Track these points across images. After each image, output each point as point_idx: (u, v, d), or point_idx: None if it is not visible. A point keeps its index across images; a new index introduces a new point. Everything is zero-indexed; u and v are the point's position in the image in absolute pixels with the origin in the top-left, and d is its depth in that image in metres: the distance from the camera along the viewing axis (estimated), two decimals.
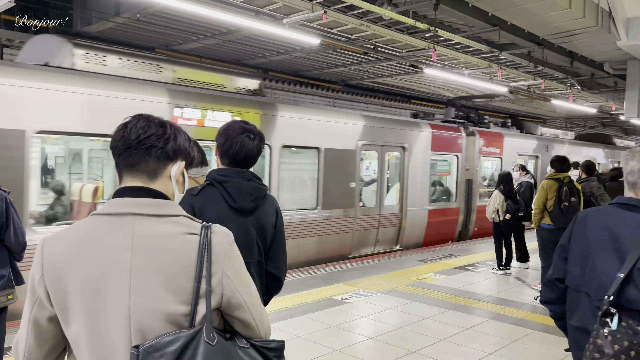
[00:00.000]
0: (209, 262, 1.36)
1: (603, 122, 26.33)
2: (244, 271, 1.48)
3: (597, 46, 9.15)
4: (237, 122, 2.39)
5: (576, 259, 2.04)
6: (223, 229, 1.47)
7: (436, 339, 5.04)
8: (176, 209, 1.44)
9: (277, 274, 2.41)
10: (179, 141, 1.50)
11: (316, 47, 11.45)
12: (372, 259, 9.16)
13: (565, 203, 6.27)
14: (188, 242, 1.36)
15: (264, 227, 2.34)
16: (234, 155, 2.33)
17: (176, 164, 1.50)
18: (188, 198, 2.24)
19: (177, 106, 7.00)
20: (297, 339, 4.95)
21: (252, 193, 2.28)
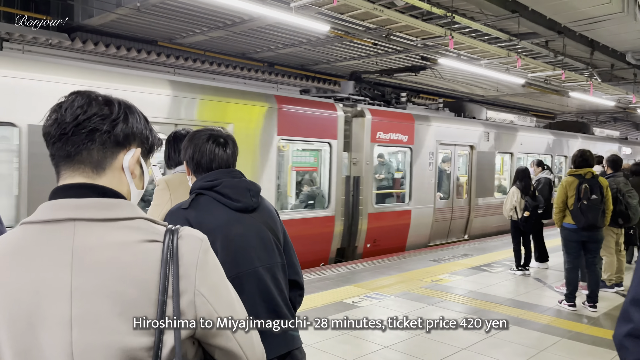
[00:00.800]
0: (176, 277, 1.04)
1: (615, 117, 25.77)
2: (224, 285, 1.15)
3: (620, 34, 8.70)
4: (202, 130, 2.10)
5: None
6: (194, 232, 1.13)
7: (457, 348, 4.66)
8: (131, 210, 1.10)
9: (298, 280, 2.07)
10: (131, 123, 1.16)
11: (323, 39, 11.07)
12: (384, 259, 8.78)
13: (584, 201, 5.84)
14: (147, 253, 1.04)
15: (275, 224, 2.03)
16: (209, 164, 2.03)
17: (129, 152, 1.16)
18: (180, 213, 1.91)
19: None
20: (307, 347, 4.56)
21: (251, 188, 1.99)
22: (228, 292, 1.16)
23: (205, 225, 1.84)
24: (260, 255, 1.92)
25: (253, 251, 1.90)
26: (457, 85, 16.96)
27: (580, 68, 11.27)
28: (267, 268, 1.92)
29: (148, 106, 6.20)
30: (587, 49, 9.99)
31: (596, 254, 6.02)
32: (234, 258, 1.87)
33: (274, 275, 1.93)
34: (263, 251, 1.93)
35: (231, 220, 1.89)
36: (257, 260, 1.91)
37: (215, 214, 1.90)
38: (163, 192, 2.80)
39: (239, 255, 1.88)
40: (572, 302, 6.03)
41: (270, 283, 1.91)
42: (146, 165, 1.22)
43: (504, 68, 9.90)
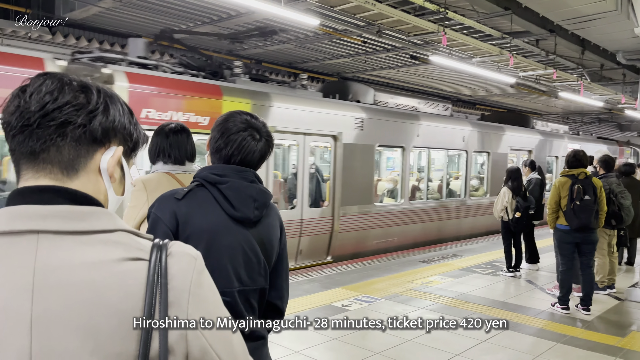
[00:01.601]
0: (165, 304, 0.84)
1: (600, 118, 25.95)
2: (222, 315, 0.93)
3: (612, 34, 8.64)
4: (241, 114, 1.82)
5: None
6: (186, 248, 0.93)
7: (450, 354, 4.51)
8: (108, 220, 0.89)
9: (280, 305, 1.85)
10: (113, 115, 0.94)
11: (312, 36, 10.89)
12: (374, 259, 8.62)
13: (577, 202, 5.72)
14: (128, 274, 0.84)
15: (270, 242, 1.78)
16: (228, 157, 1.77)
17: (109, 151, 0.94)
18: (170, 203, 1.68)
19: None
20: (295, 354, 4.41)
21: (257, 198, 1.73)
22: (224, 322, 0.96)
23: (192, 226, 1.65)
24: (241, 275, 1.69)
25: (235, 270, 1.68)
26: (446, 84, 16.89)
27: (570, 68, 11.23)
28: (244, 291, 1.70)
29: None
30: (578, 48, 9.93)
31: (591, 256, 5.91)
32: (211, 272, 1.63)
33: (247, 300, 1.71)
34: (247, 271, 1.71)
35: (223, 229, 1.67)
36: (236, 281, 1.68)
37: (208, 216, 1.68)
38: (139, 193, 2.59)
39: (218, 271, 1.65)
40: (566, 305, 5.92)
41: (242, 308, 1.69)
42: (128, 167, 1.02)
43: (496, 67, 9.79)
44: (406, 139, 9.93)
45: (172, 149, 2.70)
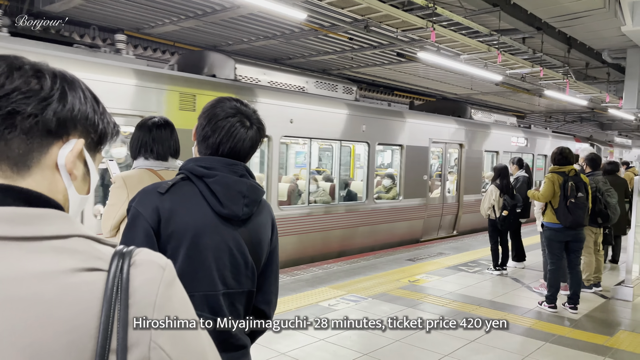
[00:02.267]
0: (124, 323, 0.71)
1: (582, 117, 26.24)
2: (192, 334, 0.80)
3: (598, 32, 8.66)
4: (230, 100, 1.68)
5: None
6: (154, 256, 0.80)
7: (439, 354, 4.43)
8: (63, 225, 0.77)
9: (266, 311, 1.73)
10: (71, 103, 0.81)
11: (298, 32, 10.76)
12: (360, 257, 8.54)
13: (572, 199, 5.69)
14: (83, 287, 0.72)
15: (259, 242, 1.66)
16: (217, 146, 1.62)
17: (67, 144, 0.81)
18: (152, 197, 1.54)
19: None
20: (280, 356, 4.29)
21: (247, 194, 1.60)
22: (198, 343, 0.81)
23: (177, 223, 1.52)
24: (226, 277, 1.58)
25: (220, 271, 1.57)
26: (431, 82, 16.88)
27: (557, 66, 11.26)
28: (229, 294, 1.59)
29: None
30: (564, 46, 9.95)
31: (579, 254, 5.89)
32: (194, 273, 1.53)
33: (232, 303, 1.60)
34: (232, 273, 1.59)
35: (209, 227, 1.54)
36: (220, 283, 1.57)
37: (193, 212, 1.54)
38: (119, 190, 2.46)
39: (202, 272, 1.54)
40: (553, 303, 5.89)
41: (227, 312, 1.58)
42: (94, 163, 0.88)
43: (483, 64, 9.77)
44: (275, 125, 7.78)
45: (155, 144, 2.57)
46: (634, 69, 9.48)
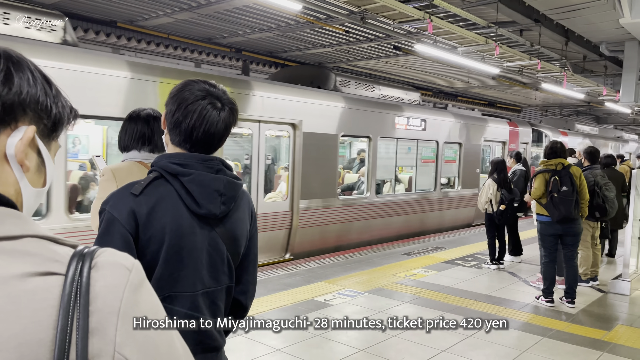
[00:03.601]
0: (84, 333, 0.64)
1: (578, 111, 26.24)
2: (166, 340, 0.72)
3: (597, 24, 8.58)
4: (198, 83, 1.59)
5: None
6: (119, 257, 0.72)
7: (436, 350, 4.39)
8: (13, 224, 0.69)
9: (242, 301, 1.69)
10: (18, 85, 0.73)
11: (293, 25, 10.64)
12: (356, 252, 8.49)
13: (555, 194, 5.64)
14: (36, 294, 0.64)
15: (237, 238, 1.61)
16: (190, 131, 1.53)
17: (16, 132, 0.73)
18: (127, 200, 1.46)
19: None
20: (275, 352, 4.24)
21: (224, 192, 1.54)
22: (171, 351, 0.73)
23: (154, 227, 1.45)
24: (204, 277, 1.54)
25: (198, 271, 1.52)
26: (427, 76, 16.80)
27: (554, 59, 11.20)
28: (208, 293, 1.55)
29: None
30: (561, 39, 9.88)
31: (574, 248, 5.85)
32: (171, 275, 1.48)
33: (213, 301, 1.56)
34: (210, 272, 1.55)
35: (186, 229, 1.48)
36: (199, 283, 1.53)
37: (171, 214, 1.47)
38: (109, 183, 2.38)
39: (180, 272, 1.49)
40: (550, 298, 5.86)
41: (206, 311, 1.54)
42: (49, 151, 0.79)
43: (480, 57, 9.69)
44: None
45: (153, 136, 2.50)
46: (631, 62, 9.42)
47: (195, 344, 1.48)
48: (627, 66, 9.55)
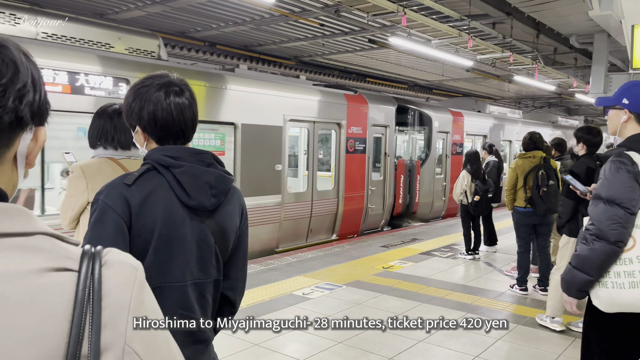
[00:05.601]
0: (97, 327, 0.66)
1: (550, 102, 26.76)
2: (164, 337, 0.75)
3: (567, 16, 8.74)
4: (148, 77, 1.61)
5: None
6: (125, 256, 0.75)
7: (414, 340, 4.44)
8: (25, 221, 0.71)
9: (231, 297, 1.69)
10: (42, 92, 0.75)
11: (268, 18, 10.57)
12: (333, 246, 8.52)
13: (544, 188, 5.72)
14: (52, 289, 0.66)
15: (226, 232, 1.62)
16: (163, 122, 1.55)
17: (27, 133, 0.75)
18: (121, 190, 1.47)
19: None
20: (254, 347, 4.23)
21: (215, 185, 1.56)
22: (170, 346, 0.78)
23: (147, 216, 1.47)
24: (193, 268, 1.55)
25: (187, 262, 1.54)
26: (403, 69, 16.89)
27: (526, 51, 11.37)
28: (197, 284, 1.56)
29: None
30: (533, 32, 10.03)
31: (547, 237, 5.97)
32: (161, 265, 1.50)
33: (201, 293, 1.58)
34: (198, 264, 1.56)
35: (177, 219, 1.51)
36: (188, 274, 1.54)
37: (162, 204, 1.50)
38: (78, 180, 2.34)
39: (169, 263, 1.51)
40: (524, 286, 5.98)
41: (195, 303, 1.55)
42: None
43: (454, 49, 9.78)
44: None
45: (116, 132, 2.45)
46: (600, 54, 9.62)
47: (186, 335, 1.51)
48: (596, 58, 9.75)
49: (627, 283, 2.22)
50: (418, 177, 11.72)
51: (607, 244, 2.23)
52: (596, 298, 2.30)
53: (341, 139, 9.42)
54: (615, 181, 2.28)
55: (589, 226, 2.31)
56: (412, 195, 11.71)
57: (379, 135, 10.55)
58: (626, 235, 2.23)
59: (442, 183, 12.84)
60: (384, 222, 11.00)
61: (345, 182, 9.51)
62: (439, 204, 12.84)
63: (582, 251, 2.30)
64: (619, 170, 2.28)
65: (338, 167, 9.45)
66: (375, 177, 10.51)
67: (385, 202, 10.78)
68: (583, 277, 2.30)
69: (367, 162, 10.02)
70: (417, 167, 11.72)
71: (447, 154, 12.91)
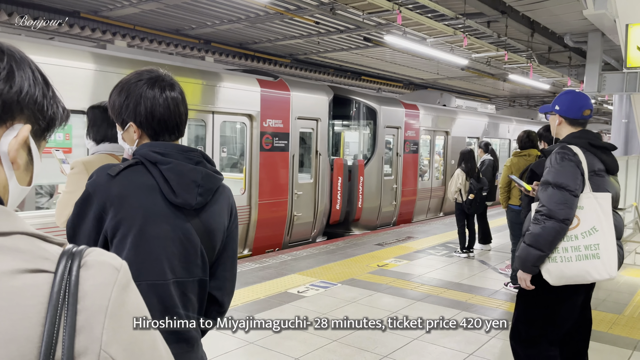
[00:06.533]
0: (71, 330, 0.64)
1: (544, 101, 26.87)
2: (149, 340, 0.72)
3: (561, 15, 8.78)
4: (136, 73, 1.61)
5: None
6: (108, 257, 0.72)
7: (409, 338, 4.45)
8: (4, 221, 0.69)
9: (218, 296, 1.66)
10: (19, 84, 0.73)
11: (263, 15, 10.55)
12: (328, 244, 8.52)
13: None
14: (25, 291, 0.64)
15: (212, 232, 1.59)
16: (161, 117, 1.56)
17: (11, 130, 0.73)
18: (103, 179, 1.48)
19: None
20: (249, 345, 4.23)
21: (202, 183, 1.54)
22: (154, 351, 0.73)
23: (125, 210, 1.46)
24: (175, 266, 1.52)
25: (168, 261, 1.51)
26: (398, 67, 16.91)
27: (520, 50, 11.40)
28: (179, 283, 1.53)
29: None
30: (527, 30, 10.07)
31: None
32: (142, 263, 1.47)
33: (184, 292, 1.54)
34: (181, 262, 1.53)
35: (159, 215, 1.49)
36: (170, 272, 1.51)
37: (144, 199, 1.49)
38: (80, 176, 2.32)
39: (149, 261, 1.48)
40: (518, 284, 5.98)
41: (178, 301, 1.52)
42: (39, 150, 0.79)
43: (449, 48, 9.80)
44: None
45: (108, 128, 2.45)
46: (594, 53, 9.67)
47: (169, 333, 1.47)
48: (590, 57, 9.80)
49: (574, 257, 2.61)
50: (361, 179, 10.06)
51: (556, 222, 2.58)
52: (546, 272, 2.65)
53: (253, 133, 7.78)
54: (561, 169, 2.64)
55: (540, 208, 2.65)
56: (353, 200, 10.04)
57: (308, 130, 8.90)
58: (571, 214, 2.60)
59: (393, 185, 11.21)
60: (316, 232, 9.31)
61: (260, 186, 7.89)
62: (388, 209, 11.19)
63: (535, 230, 2.63)
64: (564, 159, 2.65)
65: (250, 168, 7.79)
66: (304, 180, 8.91)
67: (317, 209, 9.09)
68: (536, 253, 2.63)
69: (290, 162, 8.38)
70: (360, 167, 10.05)
71: (398, 153, 11.21)
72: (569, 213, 2.58)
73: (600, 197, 2.62)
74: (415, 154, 11.68)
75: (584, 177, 2.63)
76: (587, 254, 2.59)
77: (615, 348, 4.41)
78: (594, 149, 2.72)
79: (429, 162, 12.69)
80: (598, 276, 2.60)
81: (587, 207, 2.61)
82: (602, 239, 2.58)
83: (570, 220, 2.59)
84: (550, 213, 2.59)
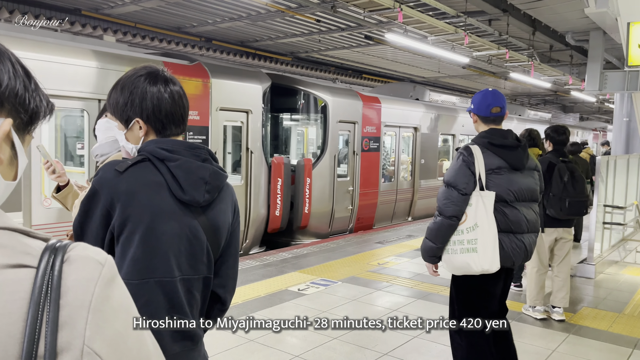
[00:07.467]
0: (54, 325, 0.63)
1: (545, 100, 26.83)
2: (136, 336, 0.71)
3: (562, 14, 8.76)
4: (134, 70, 1.62)
5: None
6: (92, 251, 0.71)
7: (409, 336, 4.45)
8: None
9: (221, 294, 1.67)
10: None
11: (264, 13, 10.54)
12: (329, 242, 8.53)
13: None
14: (6, 287, 0.63)
15: (218, 229, 1.60)
16: (167, 111, 1.58)
17: None
18: (110, 175, 1.47)
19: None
20: (249, 342, 4.24)
21: (209, 180, 1.55)
22: (141, 347, 0.72)
23: (133, 207, 1.45)
24: (182, 264, 1.53)
25: (176, 258, 1.51)
26: (399, 65, 16.89)
27: (522, 48, 11.39)
28: (185, 280, 1.53)
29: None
30: (529, 29, 10.06)
31: None
32: (150, 259, 1.48)
33: (189, 290, 1.55)
34: (188, 259, 1.54)
35: (167, 212, 1.49)
36: (177, 269, 1.51)
37: (152, 196, 1.48)
38: None
39: (157, 258, 1.49)
40: (518, 282, 5.99)
41: (183, 298, 1.53)
42: (23, 145, 0.77)
43: (450, 46, 9.80)
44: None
45: None
46: (596, 51, 9.65)
47: (174, 331, 1.49)
48: (591, 55, 9.78)
49: (459, 249, 2.87)
50: (308, 181, 8.82)
51: (444, 218, 2.84)
52: (443, 262, 3.03)
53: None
54: (454, 168, 2.87)
55: (438, 204, 2.92)
56: (298, 205, 8.81)
57: (236, 123, 7.88)
58: (459, 211, 2.81)
59: (348, 187, 9.78)
60: (249, 243, 8.16)
61: None
62: (343, 214, 9.75)
63: (430, 224, 2.95)
64: (458, 160, 2.88)
65: None
66: (232, 182, 7.61)
67: (249, 216, 7.94)
68: (430, 245, 2.97)
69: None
70: (306, 167, 8.81)
71: (355, 151, 9.85)
72: (455, 210, 2.81)
73: (485, 195, 2.81)
74: (377, 152, 10.30)
75: (475, 176, 2.81)
76: (468, 248, 2.82)
77: (616, 346, 4.41)
78: (494, 148, 2.88)
79: (394, 161, 11.31)
80: (477, 268, 2.83)
81: (474, 204, 2.81)
82: (480, 234, 2.79)
83: (457, 217, 2.82)
84: (440, 210, 2.87)
